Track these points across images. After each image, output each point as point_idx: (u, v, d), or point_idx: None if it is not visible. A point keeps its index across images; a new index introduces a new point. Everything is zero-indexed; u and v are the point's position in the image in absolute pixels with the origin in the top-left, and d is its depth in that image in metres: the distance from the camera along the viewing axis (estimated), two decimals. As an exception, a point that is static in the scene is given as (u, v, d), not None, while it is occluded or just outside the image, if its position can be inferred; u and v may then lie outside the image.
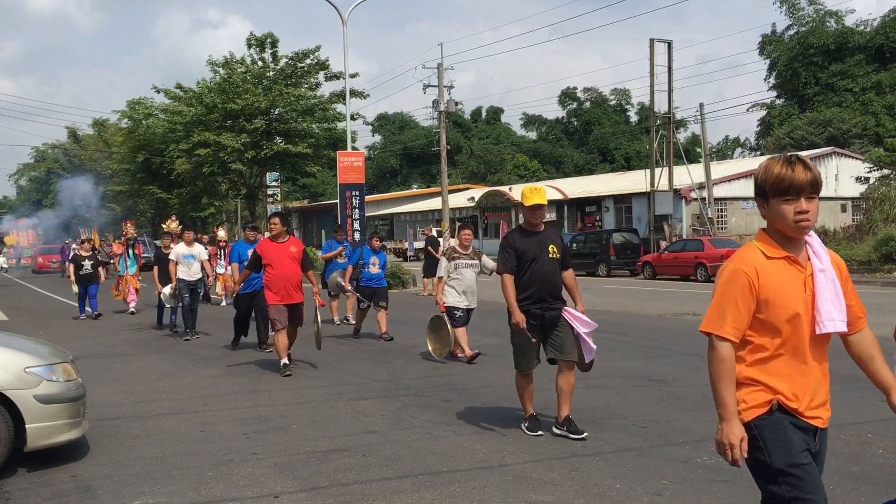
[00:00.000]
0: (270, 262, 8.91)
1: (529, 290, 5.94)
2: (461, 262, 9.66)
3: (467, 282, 9.62)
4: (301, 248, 9.20)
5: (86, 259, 16.30)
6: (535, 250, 6.01)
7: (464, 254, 9.70)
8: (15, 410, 5.20)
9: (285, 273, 8.90)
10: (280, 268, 8.89)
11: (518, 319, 5.82)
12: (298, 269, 9.04)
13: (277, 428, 6.42)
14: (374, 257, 11.72)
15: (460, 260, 9.67)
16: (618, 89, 73.74)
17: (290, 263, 8.95)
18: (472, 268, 9.69)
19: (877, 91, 46.53)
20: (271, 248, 9.00)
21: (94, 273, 16.28)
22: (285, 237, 9.15)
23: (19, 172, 69.78)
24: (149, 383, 8.65)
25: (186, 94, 31.50)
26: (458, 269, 9.61)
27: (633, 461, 5.26)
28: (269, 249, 8.99)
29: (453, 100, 34.34)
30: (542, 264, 5.98)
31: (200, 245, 13.64)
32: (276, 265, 8.90)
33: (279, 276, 8.89)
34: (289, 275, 8.92)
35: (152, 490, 4.91)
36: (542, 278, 5.98)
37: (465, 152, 67.96)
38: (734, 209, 34.01)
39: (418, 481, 4.94)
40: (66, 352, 6.10)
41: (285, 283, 8.89)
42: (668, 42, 31.92)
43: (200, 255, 13.14)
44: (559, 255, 6.14)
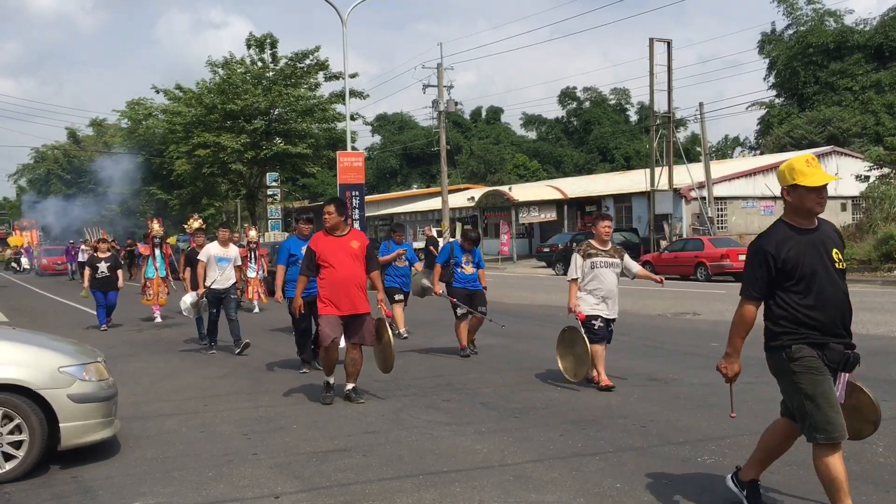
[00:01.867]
0: (326, 260, 7.16)
1: (816, 318, 3.89)
2: (600, 261, 7.83)
3: (608, 285, 7.79)
4: (365, 242, 7.39)
5: (102, 261, 14.28)
6: (812, 258, 3.94)
7: (602, 250, 7.88)
8: (49, 410, 5.29)
9: (345, 275, 7.12)
10: (339, 268, 7.13)
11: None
12: (362, 269, 7.27)
13: (278, 428, 6.42)
14: (466, 255, 9.93)
15: (599, 258, 7.84)
16: (617, 89, 73.81)
17: (351, 263, 7.19)
18: (612, 268, 7.88)
19: (876, 90, 46.51)
20: (327, 243, 7.24)
21: (113, 277, 14.31)
22: (345, 229, 7.35)
23: (19, 173, 69.78)
24: (149, 384, 8.65)
25: (186, 94, 31.50)
26: (595, 268, 7.79)
27: (633, 461, 5.26)
28: (325, 245, 7.23)
29: (453, 100, 34.39)
30: (826, 279, 3.93)
31: (236, 247, 11.58)
32: (334, 265, 7.14)
33: (338, 280, 7.11)
34: (350, 277, 7.15)
35: (153, 491, 4.91)
36: (832, 301, 3.92)
37: (465, 152, 67.97)
38: (734, 208, 34.01)
39: (419, 481, 4.94)
40: (97, 351, 6.14)
41: (345, 289, 7.11)
42: (667, 41, 31.92)
43: (236, 258, 11.11)
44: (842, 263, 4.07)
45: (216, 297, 10.81)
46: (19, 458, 5.18)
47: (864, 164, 31.54)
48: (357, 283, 7.18)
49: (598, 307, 7.72)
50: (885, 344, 10.09)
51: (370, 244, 7.47)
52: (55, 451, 5.42)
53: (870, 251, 23.99)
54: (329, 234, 7.32)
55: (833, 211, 34.44)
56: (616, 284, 7.85)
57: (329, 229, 7.32)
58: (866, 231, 26.92)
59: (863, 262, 23.88)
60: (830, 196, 33.08)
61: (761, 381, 7.24)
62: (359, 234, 7.52)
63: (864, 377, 7.83)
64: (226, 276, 10.86)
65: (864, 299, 16.05)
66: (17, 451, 5.19)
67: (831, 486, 3.86)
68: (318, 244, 7.28)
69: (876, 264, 23.26)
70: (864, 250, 24.38)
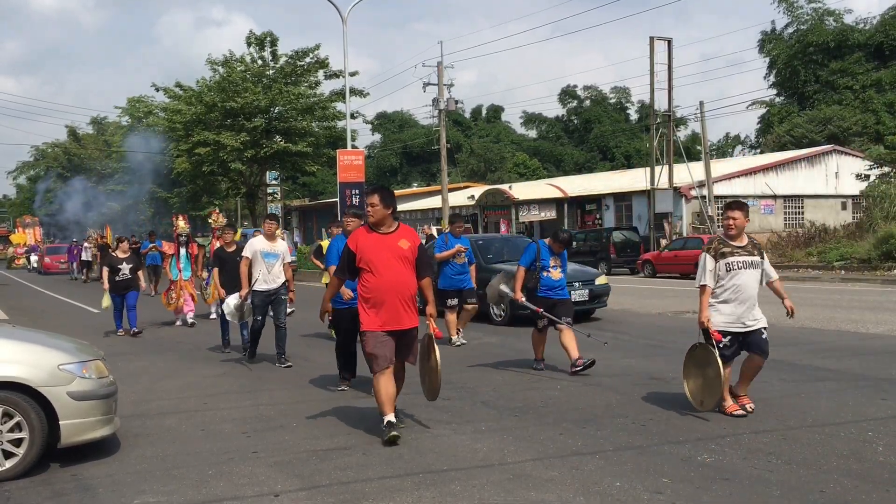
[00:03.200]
0: (369, 262, 5.91)
1: None
2: (737, 261, 6.38)
3: (747, 290, 6.33)
4: (416, 242, 6.13)
5: (123, 262, 13.05)
6: None
7: (738, 247, 6.44)
8: (49, 407, 5.30)
9: (391, 281, 5.88)
10: (384, 273, 5.88)
11: None
12: (411, 275, 6.01)
13: (278, 426, 6.43)
14: (554, 258, 8.62)
15: (735, 257, 6.38)
16: (618, 87, 73.74)
17: (398, 266, 5.92)
18: (753, 268, 6.39)
19: (877, 89, 46.49)
20: (370, 242, 5.98)
21: (134, 279, 13.11)
22: (392, 225, 6.07)
23: (18, 170, 69.73)
24: (149, 383, 8.66)
25: (186, 92, 31.49)
26: (732, 270, 6.35)
27: (633, 459, 5.26)
28: (368, 244, 5.97)
29: (453, 98, 34.34)
30: None
31: (284, 242, 10.13)
32: (378, 268, 5.89)
33: (382, 287, 5.88)
34: (396, 284, 5.90)
35: (153, 489, 4.91)
36: None
37: (465, 151, 67.96)
38: (734, 207, 33.95)
39: (418, 479, 4.94)
40: (97, 349, 6.14)
41: (392, 297, 5.89)
42: (667, 40, 31.91)
43: (284, 254, 9.72)
44: None
45: (264, 300, 9.48)
46: (19, 456, 5.19)
47: (864, 163, 31.53)
48: (405, 292, 5.94)
49: (730, 319, 6.32)
50: (885, 343, 10.09)
51: (423, 245, 6.27)
52: (55, 449, 5.42)
53: (870, 250, 23.98)
54: (373, 231, 6.03)
55: (833, 210, 34.44)
56: (757, 289, 6.41)
57: (373, 225, 6.04)
58: (866, 230, 26.91)
59: (863, 260, 23.88)
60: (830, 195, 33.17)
61: (759, 381, 7.24)
62: (409, 231, 6.18)
63: (865, 375, 7.86)
64: (274, 275, 9.51)
65: (865, 298, 16.04)
66: (16, 448, 5.19)
67: None
68: (359, 242, 6.00)
69: (876, 263, 23.25)
70: (864, 249, 24.38)
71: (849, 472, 4.89)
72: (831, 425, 5.99)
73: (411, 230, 6.27)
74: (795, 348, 9.71)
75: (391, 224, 6.09)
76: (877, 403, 6.70)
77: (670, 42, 31.80)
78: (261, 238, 9.74)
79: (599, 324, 12.45)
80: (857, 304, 14.86)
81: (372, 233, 6.05)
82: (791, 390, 7.33)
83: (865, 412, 6.40)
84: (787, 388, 7.40)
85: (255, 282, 9.43)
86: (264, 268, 9.45)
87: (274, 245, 9.62)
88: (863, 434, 5.72)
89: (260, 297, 9.47)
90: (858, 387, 7.41)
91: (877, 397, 6.94)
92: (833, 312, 13.39)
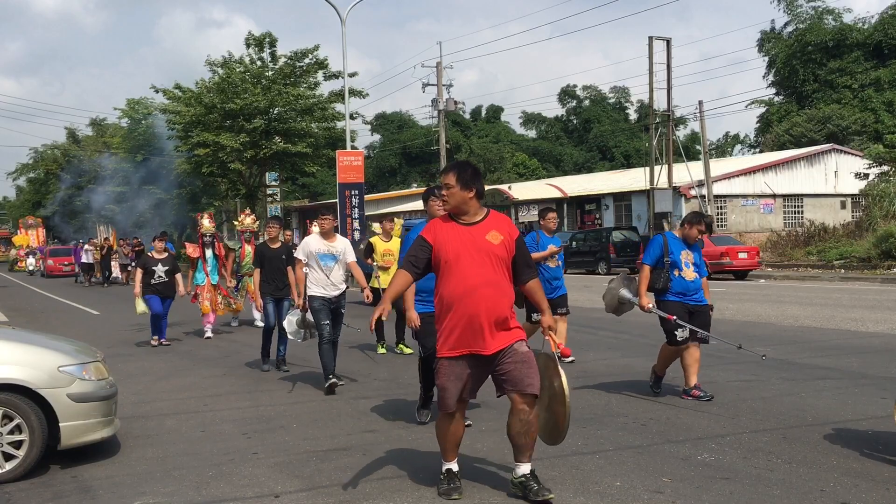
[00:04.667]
0: (447, 261, 4.47)
1: None
2: None
3: None
4: (513, 234, 4.60)
5: (158, 263, 11.65)
6: None
7: None
8: (49, 409, 5.30)
9: (476, 287, 4.38)
10: (467, 275, 4.40)
11: None
12: (505, 278, 4.50)
13: (278, 427, 6.43)
14: (686, 253, 6.93)
15: None
16: (617, 87, 73.71)
17: (486, 268, 4.42)
18: None
19: (875, 88, 46.48)
20: (450, 233, 4.53)
21: (170, 283, 11.69)
22: (478, 213, 4.58)
23: (18, 171, 69.71)
24: (149, 383, 8.66)
25: (185, 94, 31.48)
26: None
27: (632, 459, 5.26)
28: (447, 236, 4.53)
29: (452, 98, 34.37)
30: None
31: (345, 239, 8.45)
32: (458, 269, 4.43)
33: (463, 294, 4.39)
34: (484, 291, 4.39)
35: (153, 490, 4.91)
36: None
37: (465, 151, 67.94)
38: (734, 206, 34.00)
39: (419, 480, 4.94)
40: (97, 351, 6.15)
41: (475, 310, 4.37)
42: (666, 40, 31.92)
43: (345, 253, 8.07)
44: None
45: (328, 308, 7.93)
46: (19, 458, 5.19)
47: (863, 162, 31.54)
48: (494, 303, 4.40)
49: None
50: (885, 342, 10.10)
51: (521, 238, 4.68)
52: (55, 451, 5.42)
53: (869, 249, 24.01)
54: (453, 221, 4.60)
55: (832, 209, 34.45)
56: None
57: (454, 214, 4.60)
58: (866, 229, 26.94)
59: (862, 259, 23.90)
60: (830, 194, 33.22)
61: (759, 380, 7.25)
62: (502, 220, 4.67)
63: (865, 374, 7.86)
64: (334, 281, 7.94)
65: (864, 297, 16.05)
66: (17, 450, 5.19)
67: None
68: (437, 234, 4.55)
69: (875, 262, 23.27)
70: (864, 248, 24.40)
71: (849, 472, 4.89)
72: (831, 424, 5.99)
73: (505, 218, 4.75)
74: (795, 347, 9.71)
75: (477, 211, 4.57)
76: (877, 402, 6.71)
77: (669, 42, 31.81)
78: (315, 236, 8.17)
79: (600, 323, 12.43)
80: (857, 302, 14.86)
81: (451, 222, 4.59)
82: (791, 389, 7.33)
83: (865, 411, 6.41)
84: (787, 388, 7.40)
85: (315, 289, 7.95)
86: (320, 272, 7.88)
87: (332, 244, 7.98)
88: (863, 433, 5.72)
89: (318, 301, 7.89)
90: (858, 385, 7.42)
91: (877, 396, 6.94)
92: (833, 311, 13.40)
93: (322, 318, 7.83)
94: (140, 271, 11.71)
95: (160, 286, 11.59)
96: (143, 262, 11.89)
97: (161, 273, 11.58)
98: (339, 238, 8.14)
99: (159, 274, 11.57)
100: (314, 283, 7.92)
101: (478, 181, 4.56)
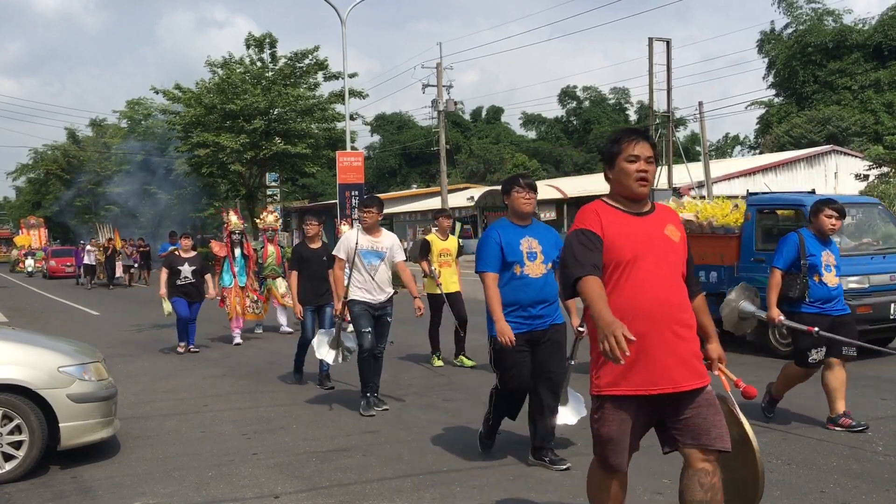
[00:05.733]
0: (621, 263, 3.30)
1: None
2: None
3: None
4: (684, 231, 3.53)
5: (185, 262, 10.72)
6: None
7: None
8: (48, 409, 5.31)
9: (662, 299, 3.28)
10: (650, 285, 3.28)
11: None
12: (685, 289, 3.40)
13: (278, 428, 6.43)
14: (826, 253, 5.83)
15: None
16: (617, 88, 73.76)
17: (673, 274, 3.36)
18: None
19: (875, 89, 46.50)
20: (624, 226, 3.37)
21: (199, 284, 10.84)
22: (646, 203, 3.50)
23: (17, 171, 69.67)
24: (149, 384, 8.65)
25: (185, 94, 31.50)
26: None
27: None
28: (621, 229, 3.36)
29: (452, 99, 34.35)
30: None
31: (392, 235, 7.36)
32: (638, 275, 3.29)
33: (648, 307, 3.26)
34: (671, 302, 3.30)
35: (153, 490, 4.92)
36: None
37: (465, 152, 67.98)
38: (733, 207, 34.01)
39: (419, 480, 4.94)
40: (97, 351, 6.15)
41: (660, 332, 3.24)
42: (666, 40, 31.94)
43: (393, 250, 7.00)
44: None
45: (370, 316, 6.81)
46: (19, 459, 5.19)
47: (863, 163, 31.56)
48: (682, 317, 3.32)
49: None
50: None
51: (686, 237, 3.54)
52: (55, 451, 5.42)
53: (869, 250, 23.99)
54: (615, 209, 3.45)
55: (832, 210, 34.43)
56: None
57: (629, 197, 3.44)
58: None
59: (862, 261, 23.88)
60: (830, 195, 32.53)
61: (759, 381, 7.24)
62: (671, 213, 3.59)
63: (864, 375, 7.86)
64: (379, 283, 6.84)
65: (864, 298, 16.04)
66: (16, 451, 5.19)
67: None
68: (606, 225, 3.35)
69: (875, 263, 23.25)
70: (864, 249, 24.37)
71: (849, 472, 4.89)
72: (831, 425, 5.98)
73: (672, 211, 3.67)
74: (795, 348, 9.70)
75: (644, 201, 3.47)
76: (876, 403, 6.71)
77: (669, 43, 31.82)
78: (357, 231, 7.03)
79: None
80: (857, 304, 14.83)
81: (615, 210, 3.43)
82: (791, 390, 7.31)
83: (865, 412, 6.40)
84: (786, 389, 7.39)
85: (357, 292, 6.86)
86: (365, 273, 6.83)
87: (377, 239, 6.95)
88: (863, 434, 5.72)
89: (360, 306, 6.81)
90: (858, 387, 7.41)
91: (876, 397, 6.95)
92: (833, 312, 13.38)
93: (363, 324, 6.75)
94: (166, 271, 10.82)
95: (187, 287, 10.70)
96: (169, 261, 10.95)
97: (188, 273, 10.69)
98: (384, 233, 7.11)
99: (185, 274, 10.67)
100: (356, 285, 6.83)
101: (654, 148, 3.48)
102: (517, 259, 4.98)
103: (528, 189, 5.17)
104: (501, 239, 5.04)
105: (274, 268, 12.59)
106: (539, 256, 5.03)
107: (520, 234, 5.06)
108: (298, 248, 8.49)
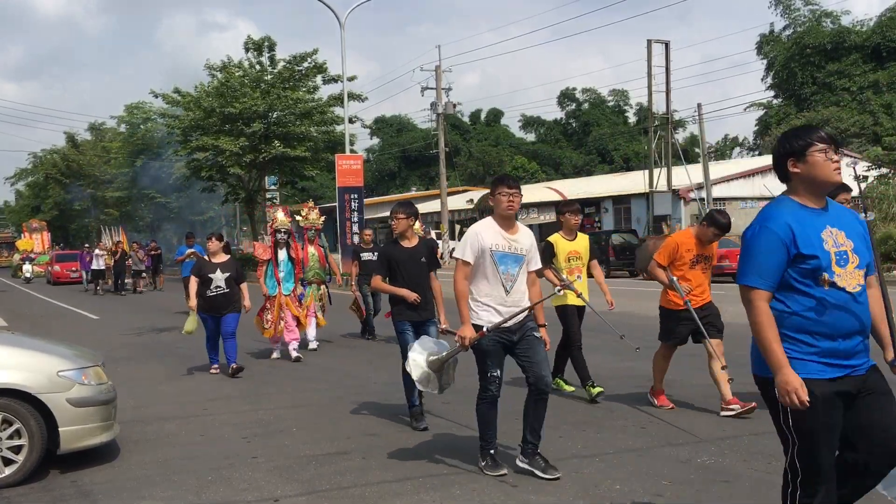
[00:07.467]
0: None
1: None
2: None
3: None
4: None
5: (217, 269, 9.15)
6: None
7: None
8: (48, 413, 5.30)
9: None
10: None
11: None
12: None
13: (277, 431, 6.42)
14: None
15: None
16: (616, 90, 73.85)
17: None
18: None
19: (874, 90, 46.57)
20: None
21: (233, 294, 9.14)
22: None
23: (17, 176, 69.68)
24: (149, 387, 8.65)
25: (184, 98, 31.54)
26: None
27: (633, 462, 5.26)
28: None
29: (451, 102, 34.40)
30: None
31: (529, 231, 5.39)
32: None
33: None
34: None
35: (152, 494, 4.91)
36: None
37: (464, 154, 68.03)
38: (733, 209, 34.00)
39: (419, 483, 4.94)
40: (97, 355, 6.15)
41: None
42: (665, 43, 31.99)
43: (531, 255, 5.18)
44: None
45: (499, 348, 5.02)
46: (19, 463, 5.19)
47: (862, 165, 31.60)
48: None
49: None
50: (884, 344, 10.08)
51: None
52: (55, 455, 5.42)
53: (868, 251, 24.00)
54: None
55: (832, 211, 34.44)
56: None
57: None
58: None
59: (862, 262, 23.89)
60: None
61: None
62: None
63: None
64: (516, 293, 5.02)
65: (864, 299, 16.05)
66: (16, 455, 5.19)
67: None
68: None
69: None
70: (863, 250, 24.38)
71: (849, 474, 4.87)
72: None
73: None
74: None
75: None
76: (876, 404, 6.69)
77: (668, 45, 31.88)
78: (489, 223, 5.09)
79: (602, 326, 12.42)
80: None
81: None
82: None
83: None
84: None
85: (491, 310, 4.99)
86: (496, 283, 4.98)
87: (514, 237, 5.05)
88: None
89: (489, 339, 4.94)
90: (858, 388, 7.41)
91: (876, 398, 6.93)
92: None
93: (492, 365, 4.98)
94: (195, 280, 9.18)
95: (219, 299, 9.08)
96: (199, 267, 9.32)
97: (220, 282, 9.04)
98: (521, 229, 5.16)
99: (218, 283, 9.03)
100: (484, 299, 4.98)
101: None
102: (822, 262, 3.05)
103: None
104: (795, 229, 3.05)
105: (317, 271, 11.00)
106: (852, 258, 3.13)
107: (820, 223, 3.11)
108: (387, 249, 6.61)
